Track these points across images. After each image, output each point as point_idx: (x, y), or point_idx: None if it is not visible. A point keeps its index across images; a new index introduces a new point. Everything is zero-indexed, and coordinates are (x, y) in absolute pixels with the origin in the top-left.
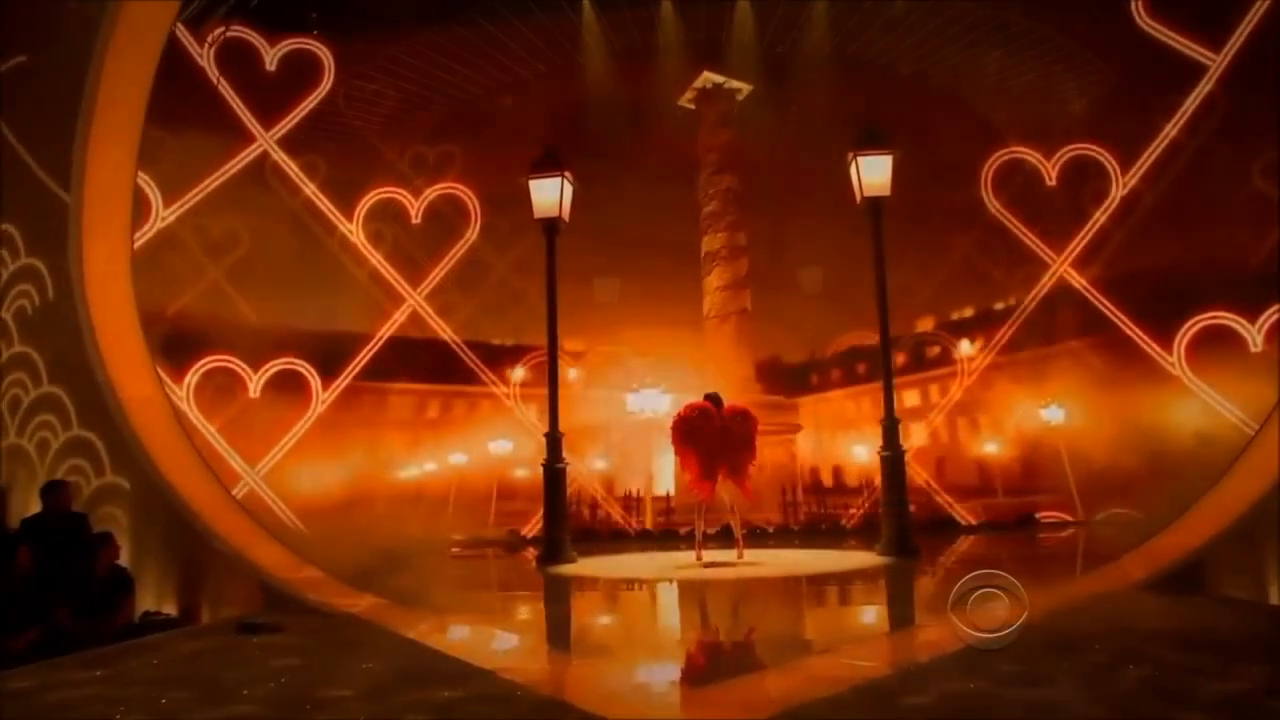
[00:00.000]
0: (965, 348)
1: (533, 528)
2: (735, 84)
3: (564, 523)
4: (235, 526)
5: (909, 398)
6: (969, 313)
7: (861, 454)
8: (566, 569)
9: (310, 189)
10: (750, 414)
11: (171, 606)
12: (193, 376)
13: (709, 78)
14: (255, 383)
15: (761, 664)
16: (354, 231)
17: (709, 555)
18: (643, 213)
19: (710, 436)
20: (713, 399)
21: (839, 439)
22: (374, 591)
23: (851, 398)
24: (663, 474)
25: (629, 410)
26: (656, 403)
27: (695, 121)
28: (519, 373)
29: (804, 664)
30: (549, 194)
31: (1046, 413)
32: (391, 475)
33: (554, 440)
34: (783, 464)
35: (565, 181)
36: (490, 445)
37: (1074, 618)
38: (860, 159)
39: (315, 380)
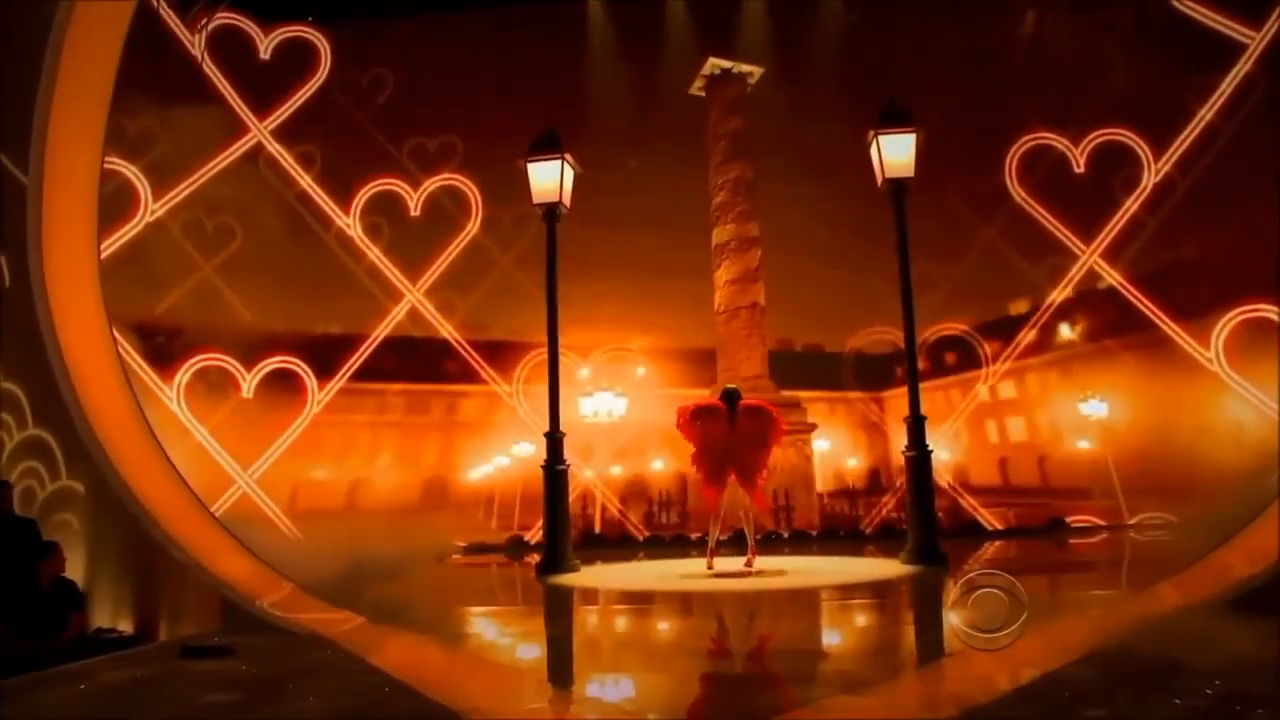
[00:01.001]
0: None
1: (535, 533)
2: (745, 68)
3: (565, 528)
4: (200, 536)
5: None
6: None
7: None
8: (567, 579)
9: (306, 181)
10: (766, 410)
11: (127, 623)
12: (183, 375)
13: (716, 63)
14: (248, 382)
15: (786, 705)
16: (351, 225)
17: (720, 563)
18: (651, 204)
19: (716, 435)
20: (729, 395)
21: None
22: (351, 607)
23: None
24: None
25: (581, 415)
26: (612, 405)
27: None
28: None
29: (838, 704)
30: (548, 178)
31: (1086, 407)
32: (390, 478)
33: (554, 441)
34: (796, 465)
35: (566, 164)
36: (514, 448)
37: (1156, 643)
38: (881, 138)
39: (311, 379)
